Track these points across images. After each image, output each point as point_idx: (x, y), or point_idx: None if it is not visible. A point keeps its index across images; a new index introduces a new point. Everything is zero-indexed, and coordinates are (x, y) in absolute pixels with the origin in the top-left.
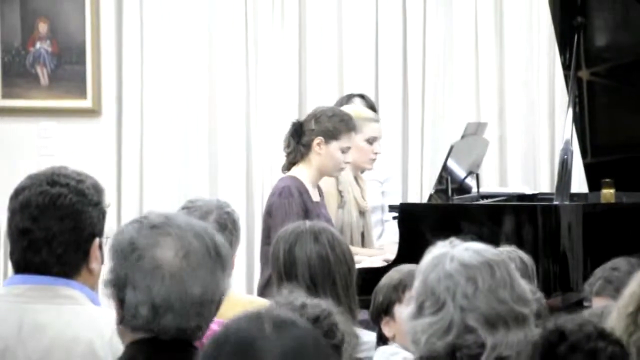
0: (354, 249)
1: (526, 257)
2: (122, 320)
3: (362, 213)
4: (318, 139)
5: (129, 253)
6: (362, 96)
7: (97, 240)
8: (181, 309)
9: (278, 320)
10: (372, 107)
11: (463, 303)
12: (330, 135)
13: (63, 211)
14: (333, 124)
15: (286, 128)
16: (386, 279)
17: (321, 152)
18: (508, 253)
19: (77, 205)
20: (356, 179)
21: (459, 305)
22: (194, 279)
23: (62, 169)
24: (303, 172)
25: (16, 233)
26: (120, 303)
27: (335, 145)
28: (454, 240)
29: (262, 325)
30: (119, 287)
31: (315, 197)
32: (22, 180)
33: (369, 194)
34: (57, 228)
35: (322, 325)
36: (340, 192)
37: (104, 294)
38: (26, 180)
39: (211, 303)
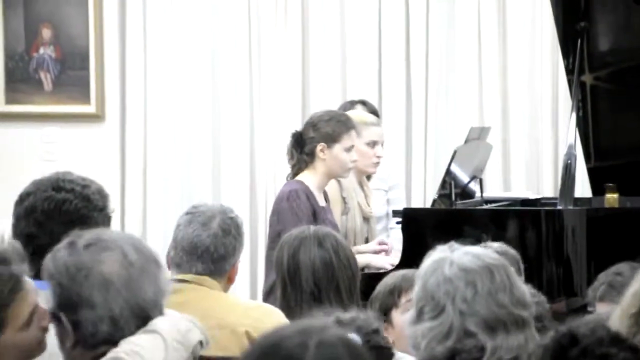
0: (356, 248)
1: (513, 253)
2: (76, 344)
3: (366, 219)
4: (320, 145)
5: (74, 274)
6: (363, 102)
7: None
8: (141, 312)
9: (325, 340)
10: (374, 113)
11: (462, 307)
12: (331, 139)
13: (68, 217)
14: (332, 128)
15: (289, 134)
16: (381, 286)
17: (326, 157)
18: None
19: (83, 210)
20: (361, 184)
21: (458, 310)
22: (144, 282)
23: (67, 175)
24: (309, 177)
25: (22, 238)
26: (74, 326)
27: (338, 148)
28: (453, 244)
29: (307, 345)
30: (72, 310)
31: (322, 202)
32: (26, 185)
33: (374, 203)
34: (63, 233)
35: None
36: (344, 198)
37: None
38: (31, 186)
39: (162, 300)
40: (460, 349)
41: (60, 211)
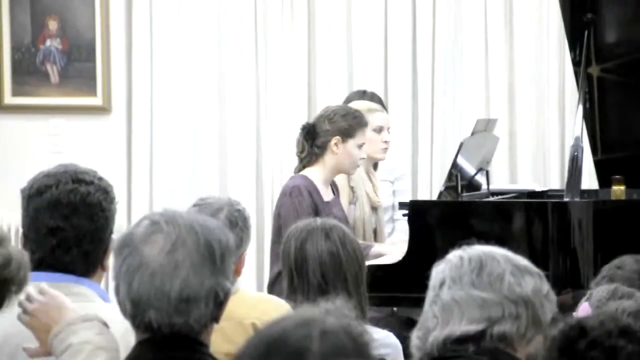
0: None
1: None
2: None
3: (374, 209)
4: (335, 139)
5: (122, 249)
6: (372, 94)
7: (112, 237)
8: (160, 305)
9: (327, 329)
10: (380, 104)
11: (463, 295)
12: (347, 134)
13: (93, 209)
14: (348, 122)
15: (296, 127)
16: None
17: (338, 151)
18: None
19: (104, 203)
20: (368, 174)
21: (459, 297)
22: (174, 275)
23: (78, 167)
24: (315, 172)
25: (44, 231)
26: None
27: (352, 143)
28: (465, 248)
29: (311, 336)
30: (116, 282)
31: (327, 196)
32: (37, 178)
33: (380, 194)
34: (88, 227)
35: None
36: (352, 188)
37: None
38: (47, 179)
39: (198, 300)
40: (459, 337)
41: (84, 203)
